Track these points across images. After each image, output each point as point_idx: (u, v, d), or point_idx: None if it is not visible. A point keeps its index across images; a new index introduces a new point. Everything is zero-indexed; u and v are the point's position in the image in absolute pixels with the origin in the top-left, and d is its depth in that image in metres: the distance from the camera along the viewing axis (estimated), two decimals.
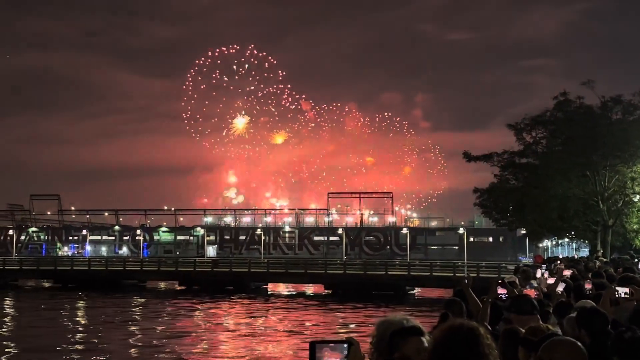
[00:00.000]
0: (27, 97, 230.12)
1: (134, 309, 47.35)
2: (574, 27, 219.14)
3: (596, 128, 41.12)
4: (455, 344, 2.91)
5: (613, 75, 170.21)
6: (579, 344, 3.95)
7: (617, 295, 7.00)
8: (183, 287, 63.74)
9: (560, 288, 9.63)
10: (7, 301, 53.11)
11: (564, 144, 44.62)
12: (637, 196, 41.16)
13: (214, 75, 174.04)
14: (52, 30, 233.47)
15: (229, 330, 36.90)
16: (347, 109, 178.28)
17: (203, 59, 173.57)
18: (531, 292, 8.69)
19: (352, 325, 37.17)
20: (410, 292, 60.21)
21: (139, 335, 33.86)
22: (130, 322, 39.55)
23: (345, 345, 2.99)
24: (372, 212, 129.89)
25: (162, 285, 68.86)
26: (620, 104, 42.80)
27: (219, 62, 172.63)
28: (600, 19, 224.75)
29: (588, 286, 8.85)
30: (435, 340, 2.98)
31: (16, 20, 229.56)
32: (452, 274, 56.32)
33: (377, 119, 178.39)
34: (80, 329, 36.80)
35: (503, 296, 7.98)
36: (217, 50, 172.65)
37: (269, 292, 62.38)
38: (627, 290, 7.05)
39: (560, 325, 6.40)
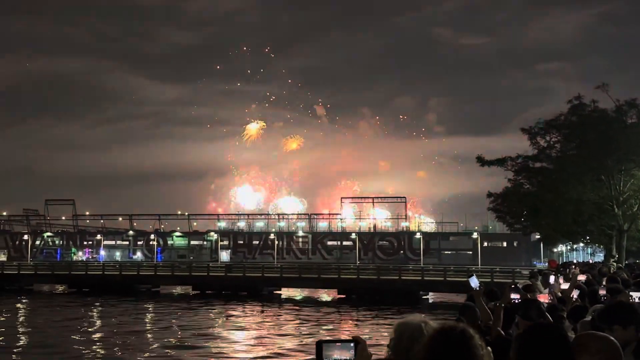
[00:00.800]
0: (44, 102, 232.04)
1: (147, 314, 47.50)
2: (590, 31, 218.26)
3: (611, 132, 40.84)
4: (446, 346, 2.92)
5: (628, 79, 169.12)
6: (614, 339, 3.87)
7: (631, 300, 6.93)
8: (197, 292, 63.86)
9: (575, 294, 9.57)
10: (22, 306, 53.45)
11: (578, 148, 44.37)
12: None
13: (228, 81, 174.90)
14: (70, 36, 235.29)
15: (241, 336, 36.93)
16: (362, 113, 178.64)
17: (217, 64, 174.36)
18: (544, 297, 8.64)
19: (366, 331, 37.08)
20: (423, 297, 60.01)
21: (153, 340, 33.96)
22: (143, 327, 39.69)
23: (352, 344, 3.00)
24: (385, 216, 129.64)
25: (175, 290, 69.04)
26: (635, 107, 42.49)
27: (233, 67, 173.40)
28: (616, 23, 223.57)
29: (602, 292, 8.78)
30: (427, 343, 2.99)
31: (33, 27, 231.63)
32: (465, 279, 55.98)
33: (391, 123, 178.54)
34: (93, 333, 36.94)
35: (516, 301, 7.95)
36: (232, 55, 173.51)
37: (283, 297, 62.39)
38: None
39: (574, 330, 6.36)
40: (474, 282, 8.27)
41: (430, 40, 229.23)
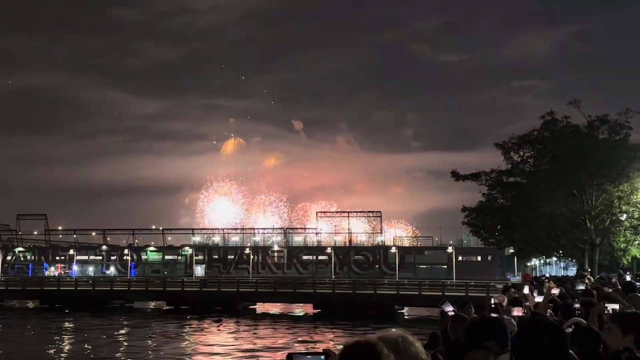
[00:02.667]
0: (21, 117, 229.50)
1: (121, 330, 46.93)
2: (564, 49, 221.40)
3: (583, 147, 41.40)
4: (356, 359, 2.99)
5: (601, 96, 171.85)
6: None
7: (605, 312, 7.00)
8: (171, 307, 63.30)
9: (549, 310, 9.62)
10: None
11: (551, 163, 44.88)
12: (624, 215, 41.36)
13: (207, 96, 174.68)
14: (49, 51, 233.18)
15: (216, 351, 36.63)
16: (340, 128, 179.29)
17: (196, 79, 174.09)
18: (518, 310, 8.68)
19: (340, 346, 36.96)
20: (399, 311, 60.11)
21: (126, 357, 33.55)
22: (116, 344, 39.20)
23: (323, 357, 3.04)
24: (361, 231, 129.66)
25: (150, 305, 68.36)
26: (606, 123, 43.15)
27: (213, 82, 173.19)
28: (589, 41, 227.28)
29: (577, 305, 8.86)
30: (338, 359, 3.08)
31: (12, 41, 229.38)
32: (440, 293, 56.22)
33: (368, 139, 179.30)
34: (65, 350, 36.40)
35: None
36: (212, 70, 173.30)
37: (258, 312, 62.07)
38: (615, 307, 7.06)
39: None
40: (448, 308, 8.31)
41: (408, 57, 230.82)
